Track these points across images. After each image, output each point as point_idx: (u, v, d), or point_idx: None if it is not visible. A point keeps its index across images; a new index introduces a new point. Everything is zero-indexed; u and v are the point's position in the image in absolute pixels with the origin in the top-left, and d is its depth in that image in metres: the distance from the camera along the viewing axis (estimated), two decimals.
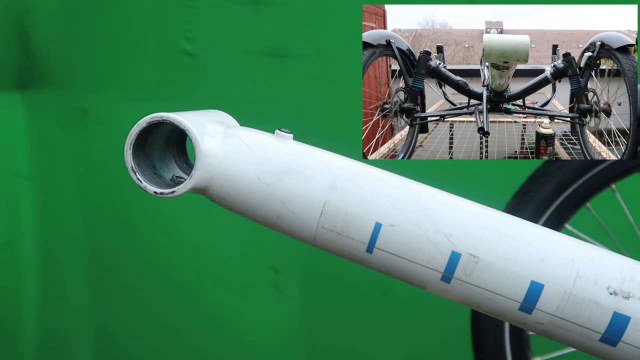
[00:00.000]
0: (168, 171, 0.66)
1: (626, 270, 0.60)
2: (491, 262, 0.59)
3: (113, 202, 1.56)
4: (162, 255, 1.58)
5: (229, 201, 0.62)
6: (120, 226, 1.57)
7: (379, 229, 0.60)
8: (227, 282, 1.31)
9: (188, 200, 0.99)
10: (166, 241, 1.57)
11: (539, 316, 0.60)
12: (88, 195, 1.56)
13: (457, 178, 1.44)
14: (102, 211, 1.58)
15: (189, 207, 1.52)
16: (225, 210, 0.81)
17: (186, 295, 1.57)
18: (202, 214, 1.52)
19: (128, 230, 1.57)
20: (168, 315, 1.59)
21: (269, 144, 0.61)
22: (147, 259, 1.58)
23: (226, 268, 1.29)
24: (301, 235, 0.62)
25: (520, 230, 0.61)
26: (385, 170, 0.63)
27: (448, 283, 0.60)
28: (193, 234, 1.56)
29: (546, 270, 0.59)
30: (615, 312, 0.59)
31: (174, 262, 1.57)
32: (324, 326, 1.73)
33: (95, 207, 1.57)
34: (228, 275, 1.31)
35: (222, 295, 1.32)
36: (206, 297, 1.50)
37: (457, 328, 1.24)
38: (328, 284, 1.71)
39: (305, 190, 0.60)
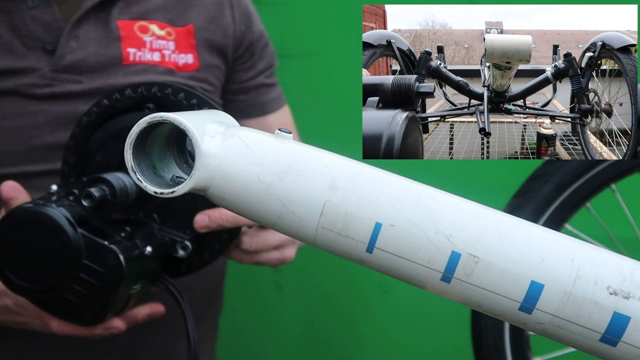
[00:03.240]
0: (168, 171, 0.66)
1: (626, 270, 0.60)
2: (491, 262, 0.59)
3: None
4: None
5: (229, 201, 0.62)
6: None
7: (379, 229, 0.60)
8: (227, 282, 1.31)
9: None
10: None
11: (539, 316, 0.60)
12: None
13: (457, 178, 1.45)
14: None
15: None
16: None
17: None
18: None
19: None
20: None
21: (269, 144, 0.61)
22: None
23: (226, 267, 1.29)
24: (301, 235, 0.62)
25: (520, 230, 0.61)
26: (385, 170, 0.63)
27: (448, 283, 0.60)
28: None
29: (546, 270, 0.59)
30: (615, 312, 0.59)
31: None
32: (324, 326, 1.73)
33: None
34: (228, 275, 1.31)
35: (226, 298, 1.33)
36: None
37: (457, 328, 1.24)
38: (328, 284, 1.72)
39: (305, 190, 0.60)
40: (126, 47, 1.14)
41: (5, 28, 1.10)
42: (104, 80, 1.12)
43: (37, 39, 1.10)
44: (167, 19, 1.18)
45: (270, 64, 1.30)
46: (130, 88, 0.99)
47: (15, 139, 1.09)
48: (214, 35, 1.20)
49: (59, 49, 1.10)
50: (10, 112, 1.09)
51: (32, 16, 1.10)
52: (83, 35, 1.12)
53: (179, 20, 1.19)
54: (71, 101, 1.10)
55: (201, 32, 1.19)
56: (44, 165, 1.10)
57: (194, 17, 1.20)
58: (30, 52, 1.09)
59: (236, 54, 1.24)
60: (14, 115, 1.09)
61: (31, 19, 1.10)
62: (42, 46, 1.10)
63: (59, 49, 1.10)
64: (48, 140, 1.10)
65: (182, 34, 1.18)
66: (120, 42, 1.13)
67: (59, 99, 1.10)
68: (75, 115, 1.09)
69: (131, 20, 1.15)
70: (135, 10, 1.16)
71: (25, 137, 1.09)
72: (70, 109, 1.10)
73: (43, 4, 1.10)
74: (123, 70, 1.13)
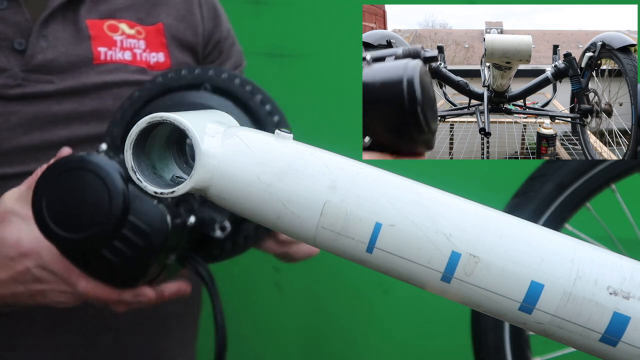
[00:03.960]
0: (168, 171, 0.66)
1: (626, 270, 0.60)
2: (491, 262, 0.59)
3: None
4: None
5: (229, 201, 0.62)
6: None
7: (379, 229, 0.60)
8: (227, 282, 1.31)
9: None
10: None
11: (539, 316, 0.60)
12: None
13: (457, 178, 1.45)
14: None
15: None
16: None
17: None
18: None
19: None
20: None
21: (269, 144, 0.61)
22: None
23: (226, 267, 1.29)
24: (301, 235, 0.62)
25: (520, 230, 0.61)
26: (385, 170, 0.63)
27: (448, 283, 0.60)
28: None
29: (546, 270, 0.59)
30: (615, 312, 0.59)
31: None
32: (324, 326, 1.73)
33: None
34: (228, 275, 1.31)
35: (222, 294, 1.33)
36: (205, 295, 1.50)
37: (457, 328, 1.24)
38: (328, 284, 1.72)
39: (305, 190, 0.60)
40: (97, 46, 1.13)
41: None
42: (75, 80, 1.10)
43: (5, 38, 1.08)
44: (136, 18, 1.17)
45: (238, 63, 1.30)
46: (187, 69, 0.98)
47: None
48: (184, 34, 1.20)
49: (29, 49, 1.08)
50: None
51: (1, 17, 1.08)
52: (52, 34, 1.10)
53: (148, 18, 1.18)
54: (43, 101, 1.09)
55: (171, 30, 1.18)
56: (19, 167, 1.08)
57: (163, 16, 1.19)
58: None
59: (205, 52, 1.24)
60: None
61: (0, 20, 1.08)
62: (11, 46, 1.08)
63: (29, 48, 1.08)
64: (22, 141, 1.08)
65: (152, 32, 1.18)
66: (90, 41, 1.12)
67: (31, 100, 1.08)
68: (49, 115, 1.08)
69: (100, 19, 1.14)
70: (104, 9, 1.15)
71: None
72: (43, 110, 1.08)
73: (12, 4, 1.09)
74: (94, 69, 1.12)
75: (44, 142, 1.08)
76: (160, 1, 1.20)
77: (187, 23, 1.20)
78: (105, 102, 1.11)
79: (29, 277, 0.93)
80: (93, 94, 1.11)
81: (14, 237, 0.91)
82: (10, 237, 0.91)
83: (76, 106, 1.10)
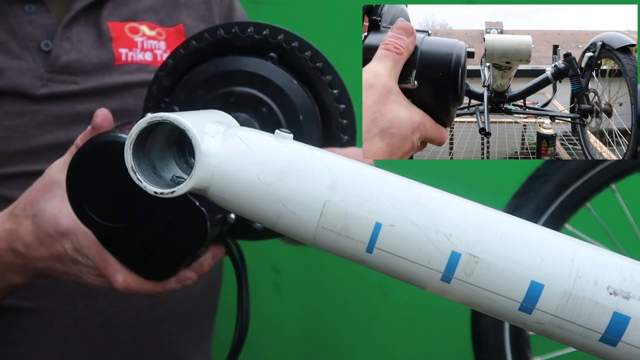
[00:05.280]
0: (168, 171, 0.66)
1: (626, 270, 0.60)
2: (491, 262, 0.59)
3: None
4: None
5: (229, 201, 0.62)
6: None
7: (379, 229, 0.60)
8: (226, 283, 1.31)
9: None
10: None
11: (539, 316, 0.60)
12: None
13: (457, 178, 1.45)
14: None
15: None
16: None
17: None
18: None
19: None
20: None
21: (269, 144, 0.62)
22: None
23: (225, 268, 1.29)
24: (301, 235, 0.62)
25: (520, 230, 0.61)
26: (385, 170, 0.63)
27: (448, 283, 0.60)
28: None
29: (546, 270, 0.59)
30: (615, 312, 0.59)
31: None
32: (324, 326, 1.73)
33: None
34: (227, 276, 1.31)
35: (221, 294, 1.33)
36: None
37: (457, 328, 1.24)
38: (328, 284, 1.71)
39: (305, 190, 0.60)
40: (118, 47, 1.15)
41: (0, 29, 1.11)
42: (99, 81, 1.13)
43: (33, 39, 1.11)
44: (157, 20, 1.19)
45: None
46: (254, 27, 0.88)
47: (16, 138, 1.10)
48: None
49: (54, 50, 1.11)
50: (11, 112, 1.10)
51: (29, 20, 1.12)
52: (75, 36, 1.13)
53: (168, 20, 1.20)
54: (68, 101, 1.11)
55: (192, 31, 1.20)
56: (44, 164, 1.09)
57: (184, 17, 1.21)
58: (25, 52, 1.11)
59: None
60: (14, 114, 1.10)
61: (28, 22, 1.12)
62: (38, 47, 1.11)
63: (54, 50, 1.11)
64: (48, 139, 1.11)
65: (173, 33, 1.20)
66: (111, 42, 1.15)
67: (56, 99, 1.11)
68: (73, 114, 1.11)
69: (121, 21, 1.17)
70: (125, 12, 1.17)
71: (26, 136, 1.10)
72: (67, 109, 1.11)
73: (40, 8, 1.12)
74: (116, 70, 1.15)
75: (69, 140, 1.10)
76: (181, 3, 1.22)
77: (207, 23, 1.22)
78: (127, 102, 1.14)
79: (65, 257, 0.90)
80: (115, 94, 1.14)
81: (54, 213, 0.88)
82: (50, 212, 0.88)
83: (99, 105, 1.12)
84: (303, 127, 0.88)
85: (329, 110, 0.91)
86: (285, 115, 0.88)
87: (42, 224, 0.88)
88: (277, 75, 0.88)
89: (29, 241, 0.90)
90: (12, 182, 1.09)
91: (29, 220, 0.89)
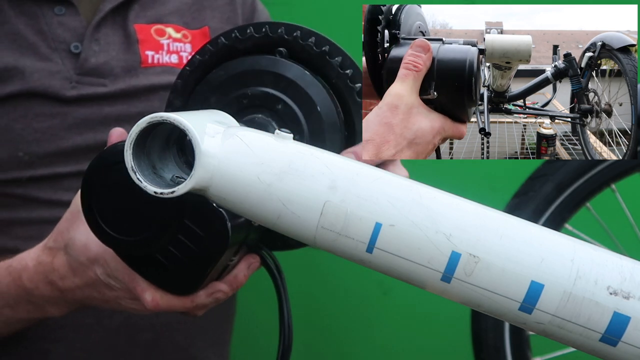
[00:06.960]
0: (168, 171, 0.66)
1: (626, 270, 0.60)
2: (491, 262, 0.59)
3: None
4: None
5: (229, 201, 0.62)
6: None
7: (379, 229, 0.60)
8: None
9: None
10: None
11: (539, 316, 0.60)
12: None
13: (457, 178, 1.45)
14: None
15: None
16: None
17: None
18: None
19: None
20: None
21: (269, 144, 0.62)
22: None
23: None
24: (301, 235, 0.62)
25: (520, 230, 0.61)
26: (385, 171, 0.63)
27: (448, 283, 0.60)
28: None
29: (546, 270, 0.59)
30: (615, 312, 0.59)
31: None
32: (324, 326, 1.73)
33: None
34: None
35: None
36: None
37: (457, 328, 1.24)
38: (328, 284, 1.71)
39: (305, 190, 0.60)
40: (144, 50, 1.16)
41: (30, 31, 1.12)
42: (126, 83, 1.14)
43: (63, 41, 1.12)
44: (183, 22, 1.20)
45: None
46: (253, 27, 0.86)
47: (46, 140, 1.10)
48: None
49: (83, 52, 1.12)
50: (41, 114, 1.10)
51: (59, 22, 1.12)
52: (103, 38, 1.14)
53: (194, 22, 1.21)
54: (96, 103, 1.12)
55: (217, 33, 1.20)
56: (73, 166, 1.11)
57: (209, 19, 1.22)
58: (55, 54, 1.11)
59: None
60: (44, 116, 1.10)
61: (58, 24, 1.12)
62: (68, 49, 1.12)
63: (83, 52, 1.12)
64: (77, 141, 1.11)
65: (198, 36, 1.20)
66: (138, 45, 1.16)
67: (85, 102, 1.12)
68: (101, 116, 1.11)
69: (147, 24, 1.18)
70: (151, 14, 1.18)
71: (55, 138, 1.10)
72: (96, 111, 1.12)
73: (69, 11, 1.13)
74: (143, 72, 1.15)
75: (97, 142, 1.11)
76: (206, 5, 1.22)
77: (232, 24, 1.22)
78: (153, 104, 1.15)
79: (99, 283, 0.89)
80: (142, 97, 1.14)
81: (82, 240, 0.86)
82: (79, 239, 0.87)
83: (126, 108, 1.13)
84: (322, 117, 0.86)
85: (344, 92, 0.89)
86: (302, 109, 0.86)
87: (73, 253, 0.88)
88: (287, 69, 0.86)
89: (64, 272, 0.89)
90: (42, 184, 1.10)
91: (62, 251, 0.89)
